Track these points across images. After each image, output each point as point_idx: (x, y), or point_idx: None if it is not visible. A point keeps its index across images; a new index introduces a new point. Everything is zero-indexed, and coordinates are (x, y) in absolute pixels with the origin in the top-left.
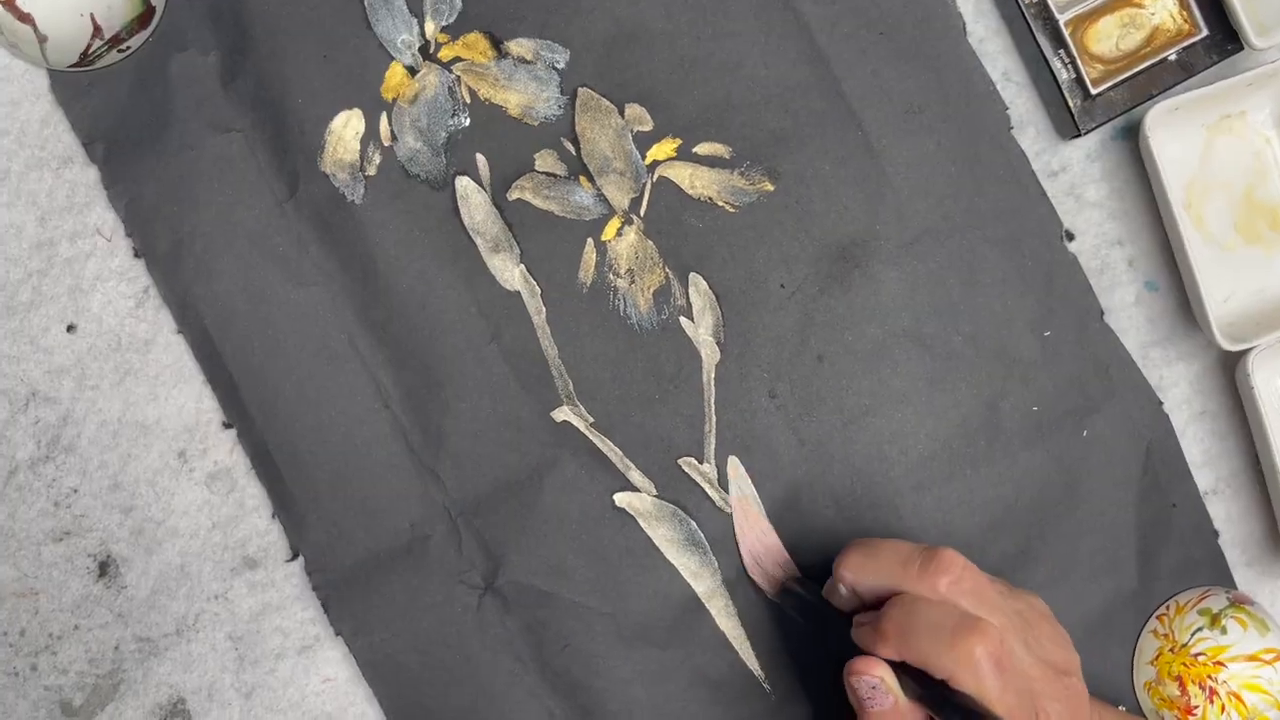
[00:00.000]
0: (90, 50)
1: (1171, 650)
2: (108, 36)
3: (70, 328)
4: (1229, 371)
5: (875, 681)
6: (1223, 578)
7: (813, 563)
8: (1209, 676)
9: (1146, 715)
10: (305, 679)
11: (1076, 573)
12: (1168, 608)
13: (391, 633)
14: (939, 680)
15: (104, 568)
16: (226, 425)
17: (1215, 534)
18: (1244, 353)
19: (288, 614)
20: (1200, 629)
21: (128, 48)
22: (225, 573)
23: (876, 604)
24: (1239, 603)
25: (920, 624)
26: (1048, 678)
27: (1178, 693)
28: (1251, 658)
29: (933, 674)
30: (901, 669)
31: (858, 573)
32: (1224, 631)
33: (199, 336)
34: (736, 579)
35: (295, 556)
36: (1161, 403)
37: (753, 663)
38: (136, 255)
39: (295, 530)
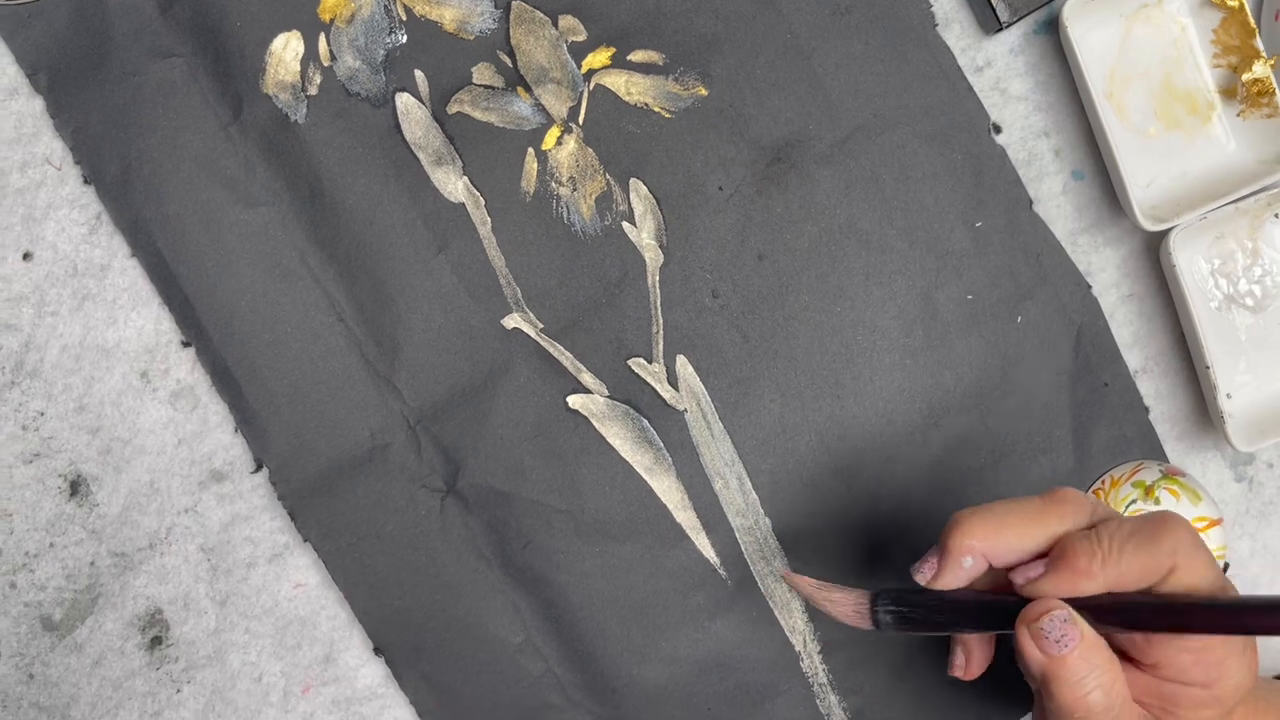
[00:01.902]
0: None
1: None
2: None
3: (26, 256)
4: (1154, 255)
5: (1066, 614)
6: (1155, 452)
7: (762, 457)
8: None
9: None
10: (277, 585)
11: (1015, 453)
12: (1103, 482)
13: (358, 537)
14: (1132, 595)
15: (75, 487)
16: (185, 344)
17: (1146, 410)
18: (1166, 233)
19: (256, 524)
20: (1135, 501)
21: None
22: (193, 487)
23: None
24: (1171, 474)
25: (1117, 541)
26: None
27: None
28: None
29: (1143, 584)
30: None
31: (991, 540)
32: (1157, 502)
33: (153, 259)
34: (692, 473)
35: (260, 468)
36: (1090, 287)
37: (709, 552)
38: (86, 182)
39: (259, 443)
